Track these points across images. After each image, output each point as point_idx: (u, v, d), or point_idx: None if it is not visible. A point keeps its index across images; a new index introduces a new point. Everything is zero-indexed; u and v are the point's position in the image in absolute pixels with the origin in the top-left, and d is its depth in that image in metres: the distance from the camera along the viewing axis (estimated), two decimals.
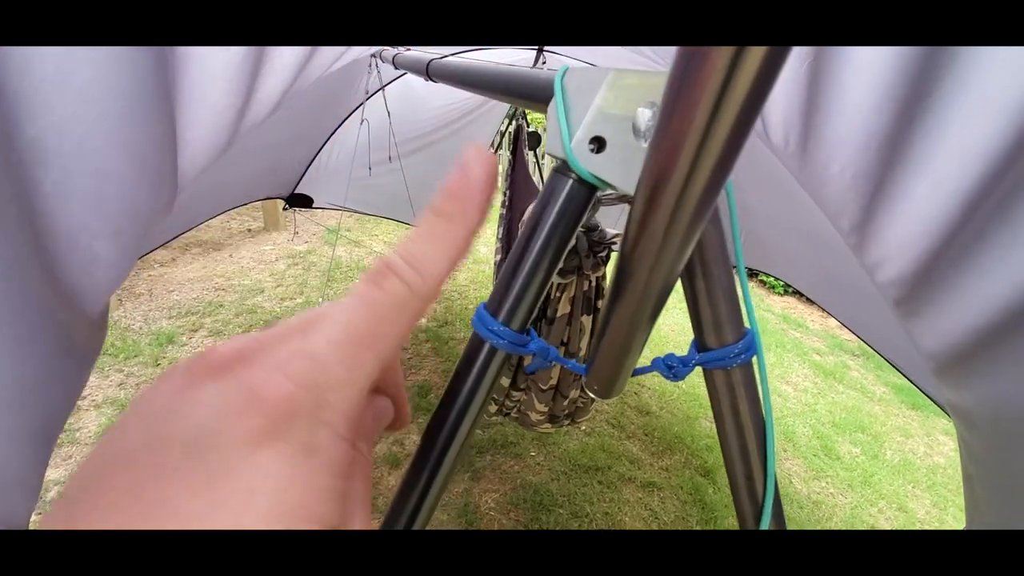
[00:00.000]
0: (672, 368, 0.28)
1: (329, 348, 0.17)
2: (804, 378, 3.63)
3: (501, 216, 1.95)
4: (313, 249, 4.36)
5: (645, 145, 0.23)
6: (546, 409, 1.70)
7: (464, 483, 2.22)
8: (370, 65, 1.92)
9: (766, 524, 0.28)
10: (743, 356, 0.26)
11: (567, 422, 1.80)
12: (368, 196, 3.00)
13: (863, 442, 3.00)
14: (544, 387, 1.64)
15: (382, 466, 2.21)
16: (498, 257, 1.99)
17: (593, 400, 1.89)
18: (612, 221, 2.30)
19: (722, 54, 0.14)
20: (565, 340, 1.51)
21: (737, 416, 0.28)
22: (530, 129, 2.62)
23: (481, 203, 0.20)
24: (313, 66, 0.52)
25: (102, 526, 0.14)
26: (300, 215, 4.58)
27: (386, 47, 1.40)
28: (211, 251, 4.05)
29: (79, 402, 2.31)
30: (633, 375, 0.30)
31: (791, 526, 2.26)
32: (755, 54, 0.14)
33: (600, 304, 1.65)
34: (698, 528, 2.18)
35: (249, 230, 4.58)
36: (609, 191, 0.28)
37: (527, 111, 2.93)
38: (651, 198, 0.20)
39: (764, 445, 0.28)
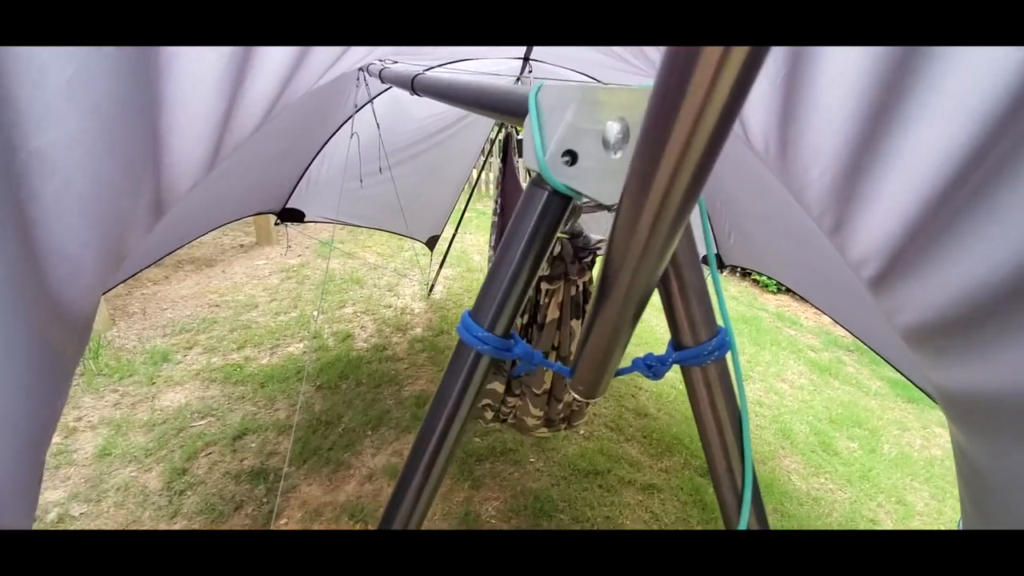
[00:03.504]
0: (651, 367, 0.30)
1: None
2: (800, 375, 3.65)
3: (493, 224, 1.97)
4: (306, 262, 4.36)
5: (615, 157, 0.25)
6: (541, 414, 1.70)
7: (464, 492, 2.21)
8: (358, 79, 1.94)
9: (745, 513, 0.29)
10: (717, 353, 0.28)
11: (563, 426, 1.81)
12: (360, 208, 3.01)
13: (860, 437, 3.02)
14: (538, 392, 1.65)
15: (381, 478, 2.21)
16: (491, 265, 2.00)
17: (588, 403, 1.90)
18: (602, 228, 2.31)
19: (706, 55, 0.15)
20: (556, 344, 1.52)
21: (715, 410, 0.29)
22: (519, 137, 2.64)
23: None
24: (301, 76, 0.52)
25: None
26: (292, 229, 4.57)
27: (373, 61, 1.41)
28: (204, 268, 4.03)
29: (75, 424, 2.29)
30: (616, 376, 0.31)
31: (791, 523, 2.27)
32: (736, 54, 0.15)
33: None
34: (699, 529, 2.18)
35: (241, 245, 4.57)
36: (586, 199, 0.29)
37: None
38: (634, 205, 0.21)
39: (741, 437, 0.30)
